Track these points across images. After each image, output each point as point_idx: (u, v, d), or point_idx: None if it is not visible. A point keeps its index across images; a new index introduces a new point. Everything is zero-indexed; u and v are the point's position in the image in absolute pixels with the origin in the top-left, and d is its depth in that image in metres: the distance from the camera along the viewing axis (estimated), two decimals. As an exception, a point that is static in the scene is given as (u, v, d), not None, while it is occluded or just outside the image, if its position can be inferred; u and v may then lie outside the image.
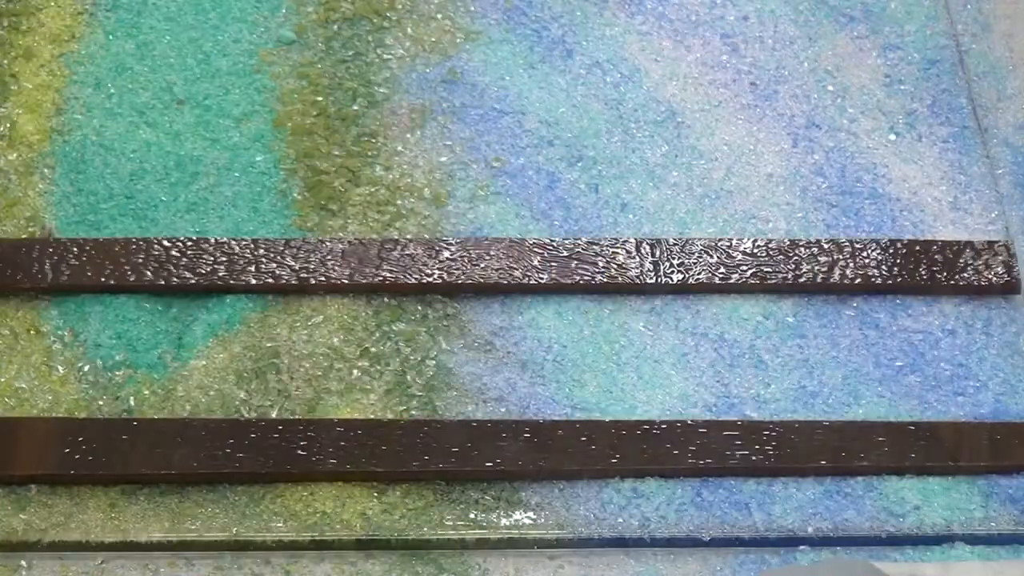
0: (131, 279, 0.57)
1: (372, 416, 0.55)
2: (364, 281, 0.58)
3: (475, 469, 0.53)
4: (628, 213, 0.61)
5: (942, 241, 0.60)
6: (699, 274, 0.58)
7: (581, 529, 0.53)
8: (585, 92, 0.65)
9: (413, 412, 0.55)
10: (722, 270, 0.59)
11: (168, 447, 0.53)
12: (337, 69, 0.65)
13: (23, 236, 0.59)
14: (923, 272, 0.59)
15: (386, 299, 0.58)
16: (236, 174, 0.61)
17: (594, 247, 0.59)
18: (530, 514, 0.53)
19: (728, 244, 0.59)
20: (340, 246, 0.58)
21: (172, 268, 0.57)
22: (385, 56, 0.65)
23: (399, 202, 0.61)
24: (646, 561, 0.53)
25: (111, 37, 0.65)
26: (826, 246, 0.60)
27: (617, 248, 0.59)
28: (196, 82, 0.64)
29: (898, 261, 0.59)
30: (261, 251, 0.58)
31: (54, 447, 0.53)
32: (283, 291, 0.58)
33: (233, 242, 0.58)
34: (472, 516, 0.53)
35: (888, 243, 0.60)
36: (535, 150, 0.63)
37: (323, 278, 0.57)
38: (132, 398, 0.55)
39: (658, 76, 0.66)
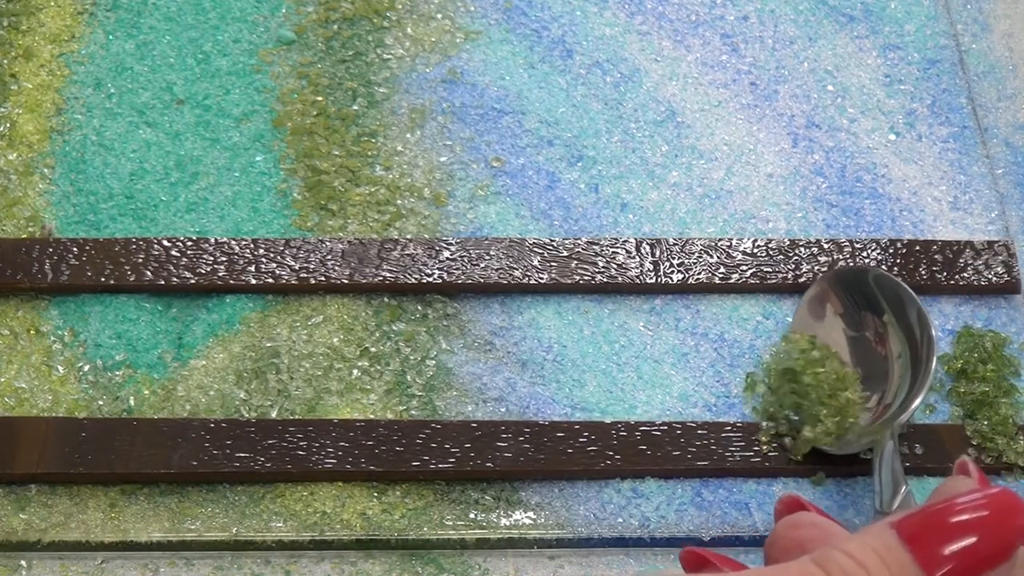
0: (131, 279, 0.57)
1: (372, 416, 0.55)
2: (364, 281, 0.58)
3: (475, 469, 0.53)
4: (628, 213, 0.61)
5: (942, 241, 0.60)
6: (699, 274, 0.58)
7: (581, 529, 0.53)
8: (585, 92, 0.65)
9: (413, 412, 0.55)
10: (722, 270, 0.59)
11: (168, 447, 0.53)
12: (337, 69, 0.65)
13: (23, 236, 0.59)
14: (923, 272, 0.59)
15: (386, 299, 0.58)
16: (236, 174, 0.61)
17: (594, 247, 0.59)
18: (530, 514, 0.53)
19: (728, 244, 0.59)
20: (340, 246, 0.58)
21: (172, 268, 0.57)
22: (385, 56, 0.65)
23: (399, 202, 0.61)
24: (646, 561, 0.53)
25: (111, 37, 0.65)
26: (826, 246, 0.60)
27: (617, 248, 0.59)
28: (196, 82, 0.64)
29: (898, 261, 0.59)
30: (261, 251, 0.58)
31: (54, 447, 0.53)
32: (283, 291, 0.58)
33: (233, 242, 0.58)
34: (472, 516, 0.53)
35: (888, 243, 0.60)
36: (535, 150, 0.63)
37: (323, 278, 0.58)
38: (132, 398, 0.55)
39: (658, 76, 0.66)
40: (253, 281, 0.57)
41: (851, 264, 0.59)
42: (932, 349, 0.52)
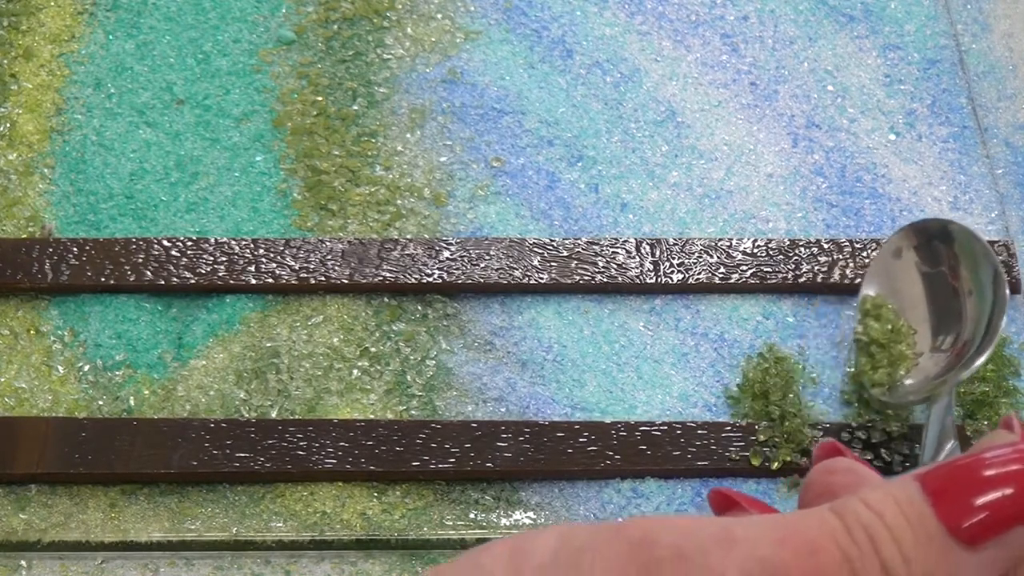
0: (131, 279, 0.57)
1: (372, 416, 0.55)
2: (364, 281, 0.58)
3: (475, 469, 0.53)
4: (628, 213, 0.61)
5: (942, 241, 0.60)
6: (699, 274, 0.58)
7: (581, 529, 0.53)
8: (585, 92, 0.65)
9: (413, 412, 0.55)
10: (722, 270, 0.59)
11: (168, 447, 0.53)
12: (337, 69, 0.65)
13: (23, 236, 0.59)
14: (923, 272, 0.59)
15: (386, 299, 0.58)
16: (236, 174, 0.61)
17: (594, 247, 0.59)
18: (530, 514, 0.53)
19: (728, 244, 0.59)
20: (340, 246, 0.58)
21: (172, 268, 0.57)
22: (385, 56, 0.65)
23: (399, 202, 0.61)
24: (646, 561, 0.53)
25: (111, 37, 0.65)
26: (826, 246, 0.59)
27: (617, 248, 0.59)
28: (196, 82, 0.64)
29: (898, 261, 0.59)
30: (261, 251, 0.58)
31: (54, 447, 0.53)
32: (283, 291, 0.58)
33: (233, 242, 0.58)
34: (472, 516, 0.53)
35: (888, 243, 0.60)
36: (535, 150, 0.63)
37: (323, 278, 0.58)
38: (132, 398, 0.55)
39: (658, 76, 0.66)
40: (253, 281, 0.57)
41: (853, 263, 0.59)
42: (1004, 307, 0.52)
